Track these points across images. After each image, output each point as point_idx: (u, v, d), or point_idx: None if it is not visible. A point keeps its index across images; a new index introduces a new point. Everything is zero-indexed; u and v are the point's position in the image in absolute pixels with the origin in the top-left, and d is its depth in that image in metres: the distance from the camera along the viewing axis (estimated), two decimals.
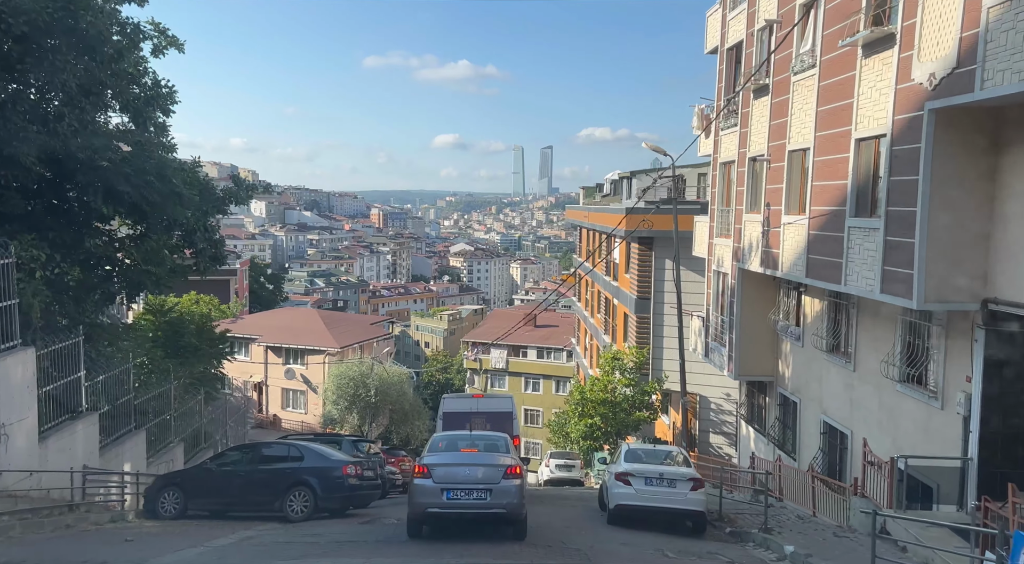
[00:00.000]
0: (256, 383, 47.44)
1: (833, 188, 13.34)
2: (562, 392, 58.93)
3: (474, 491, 10.27)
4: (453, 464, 10.59)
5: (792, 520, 13.82)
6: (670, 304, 26.86)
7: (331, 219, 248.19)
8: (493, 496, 10.26)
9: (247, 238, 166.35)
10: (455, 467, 10.51)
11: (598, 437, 26.15)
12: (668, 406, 26.87)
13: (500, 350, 59.82)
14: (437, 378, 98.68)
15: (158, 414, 20.09)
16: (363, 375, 39.82)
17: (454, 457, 10.89)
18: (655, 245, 26.90)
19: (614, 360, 26.35)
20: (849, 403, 14.59)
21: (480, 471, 10.43)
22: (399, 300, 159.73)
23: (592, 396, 25.97)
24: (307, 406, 45.48)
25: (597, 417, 25.62)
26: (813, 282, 14.19)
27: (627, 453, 14.13)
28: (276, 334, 46.70)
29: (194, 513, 13.81)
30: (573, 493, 22.47)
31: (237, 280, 66.60)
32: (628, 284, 28.99)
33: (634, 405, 25.93)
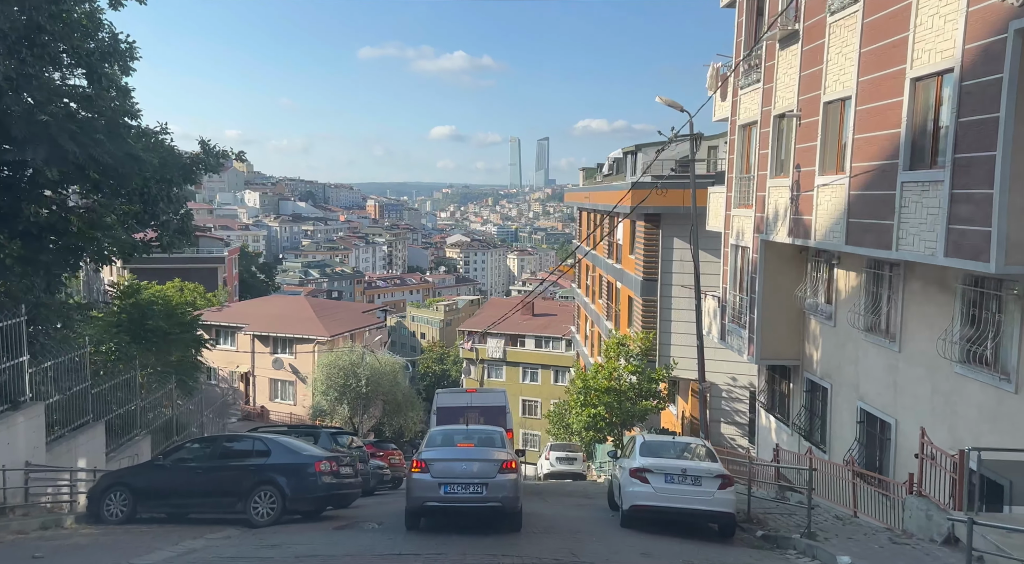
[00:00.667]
0: (243, 374, 45.64)
1: (881, 140, 11.54)
2: (561, 382, 57.26)
3: (471, 485, 10.42)
4: (450, 459, 10.74)
5: (831, 522, 12.09)
6: (679, 285, 25.11)
7: (326, 210, 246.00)
8: (489, 490, 10.41)
9: (240, 229, 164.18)
10: (452, 462, 10.67)
11: (602, 428, 24.42)
12: (676, 395, 25.13)
13: (497, 339, 58.08)
14: (434, 369, 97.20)
15: (122, 404, 18.32)
16: (353, 364, 38.01)
17: (451, 452, 11.02)
18: (662, 222, 25.10)
19: (619, 346, 24.59)
20: (893, 388, 12.83)
21: (476, 466, 10.59)
22: (395, 291, 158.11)
23: (596, 384, 24.22)
24: (296, 397, 43.71)
25: (601, 406, 23.88)
26: (854, 249, 12.40)
27: (643, 446, 12.38)
28: (264, 322, 44.89)
29: (146, 516, 12.04)
30: (577, 488, 20.76)
31: (225, 268, 64.76)
32: (633, 265, 27.21)
33: (640, 393, 24.20)
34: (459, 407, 18.18)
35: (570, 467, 27.23)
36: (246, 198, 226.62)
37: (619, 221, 30.84)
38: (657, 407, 24.11)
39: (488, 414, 17.61)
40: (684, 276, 24.97)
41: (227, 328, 45.60)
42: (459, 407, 18.18)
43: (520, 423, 58.02)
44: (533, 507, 14.94)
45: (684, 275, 24.96)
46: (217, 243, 65.69)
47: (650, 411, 23.99)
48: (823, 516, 12.82)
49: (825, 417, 15.57)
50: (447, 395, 19.61)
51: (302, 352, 43.11)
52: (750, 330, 17.04)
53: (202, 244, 63.94)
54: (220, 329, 45.94)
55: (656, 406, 24.06)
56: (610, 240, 33.12)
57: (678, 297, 25.13)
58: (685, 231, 24.86)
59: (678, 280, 25.08)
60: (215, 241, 66.60)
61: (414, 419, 39.90)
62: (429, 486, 10.44)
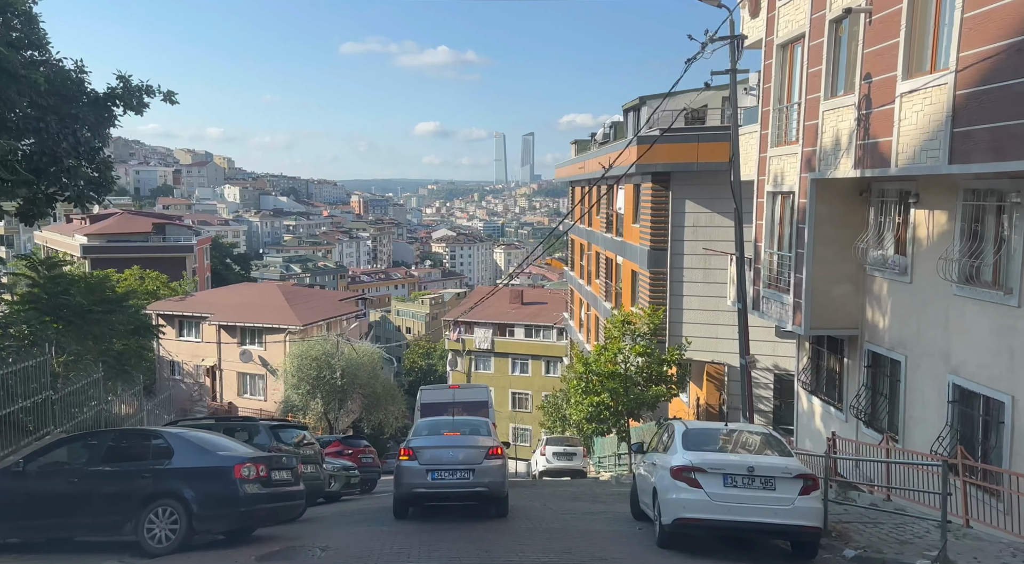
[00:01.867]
0: (209, 367, 42.13)
1: (1007, 11, 8.39)
2: (553, 373, 54.10)
3: (458, 471, 10.63)
4: (438, 446, 10.96)
5: (932, 533, 8.98)
6: (692, 254, 21.97)
7: (309, 206, 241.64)
8: (476, 476, 10.64)
9: (219, 224, 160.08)
10: (440, 449, 10.87)
11: (605, 418, 21.26)
12: (687, 379, 22.00)
13: (485, 329, 54.85)
14: (419, 364, 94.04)
15: (29, 396, 14.97)
16: (328, 354, 34.65)
17: (438, 440, 11.23)
18: (672, 182, 21.94)
19: (624, 325, 21.42)
20: (1007, 356, 9.71)
21: (463, 453, 10.81)
22: (380, 285, 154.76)
23: (599, 368, 21.05)
24: (267, 392, 40.27)
25: (605, 394, 20.71)
26: (964, 168, 9.24)
27: (685, 436, 9.17)
28: (231, 312, 41.38)
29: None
30: (581, 489, 17.59)
31: (196, 259, 61.09)
32: (637, 235, 24.05)
33: (649, 378, 21.08)
34: (442, 403, 18.46)
35: (569, 463, 24.08)
36: (226, 193, 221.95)
37: (619, 186, 27.67)
38: (669, 393, 20.99)
39: (471, 409, 17.90)
40: (697, 244, 21.87)
41: (191, 318, 42.04)
42: (442, 403, 18.46)
43: (510, 417, 54.83)
44: (534, 513, 11.72)
45: (697, 243, 21.86)
46: (185, 231, 61.93)
47: (661, 397, 20.86)
48: (916, 525, 9.71)
49: (896, 397, 12.45)
50: (431, 391, 19.76)
51: (273, 343, 39.67)
52: (795, 294, 13.89)
53: (169, 232, 60.29)
54: (183, 320, 42.41)
55: (668, 392, 20.92)
56: (608, 212, 29.95)
57: (691, 268, 21.99)
58: (698, 192, 21.75)
59: (691, 248, 21.94)
60: (183, 229, 62.86)
61: (395, 413, 36.60)
62: (417, 473, 10.62)
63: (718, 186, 21.35)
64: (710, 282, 21.82)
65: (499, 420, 57.61)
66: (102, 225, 59.72)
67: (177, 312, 42.19)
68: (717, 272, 21.67)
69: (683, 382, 21.36)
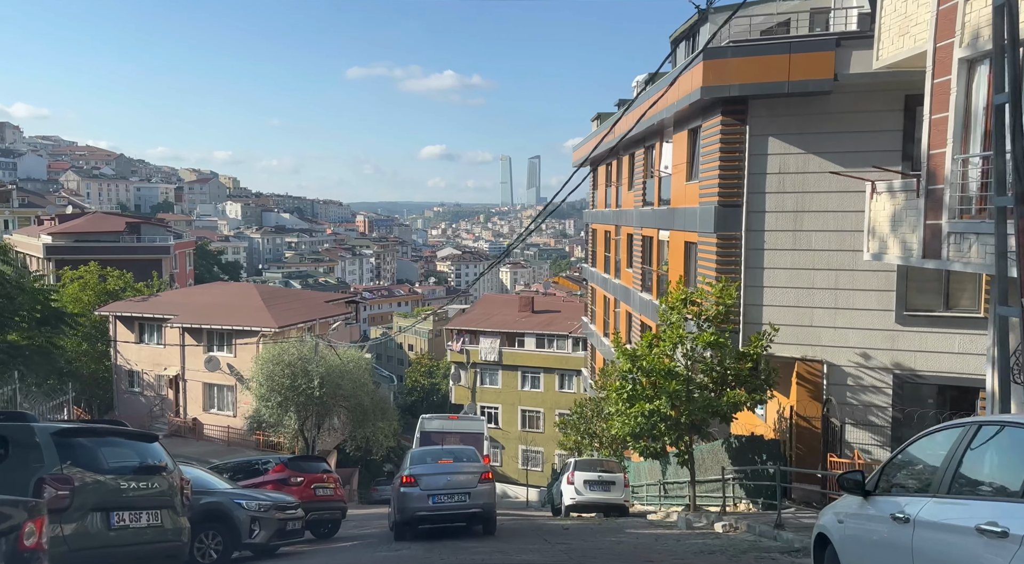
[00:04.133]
0: (172, 377, 36.30)
1: None
2: (567, 388, 48.14)
3: (455, 495, 12.11)
4: (436, 473, 12.30)
5: None
6: (778, 212, 16.20)
7: (313, 223, 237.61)
8: (471, 498, 12.16)
9: (219, 240, 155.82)
10: (438, 476, 12.24)
11: (660, 434, 15.35)
12: (775, 379, 16.05)
13: (492, 338, 49.02)
14: (422, 383, 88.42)
15: None
16: (303, 359, 28.86)
17: (436, 467, 12.52)
18: (750, 114, 16.21)
19: (686, 304, 15.60)
20: None
21: (460, 478, 12.32)
22: (382, 303, 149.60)
23: (651, 364, 15.20)
24: (236, 406, 34.43)
25: (662, 399, 14.84)
26: None
27: None
28: (197, 313, 35.66)
29: None
30: (645, 540, 11.63)
31: (176, 263, 55.52)
32: (695, 194, 18.31)
33: (723, 378, 15.24)
34: (440, 432, 19.53)
35: (606, 495, 18.09)
36: (227, 210, 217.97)
37: (664, 142, 21.99)
38: (752, 399, 15.07)
39: (467, 439, 18.87)
40: (785, 197, 16.11)
41: (152, 320, 36.31)
42: (440, 432, 19.53)
43: (519, 438, 48.80)
44: None
45: (785, 196, 16.10)
46: (162, 231, 56.39)
47: (743, 404, 14.96)
48: None
49: None
50: (431, 420, 20.59)
51: (244, 348, 33.87)
52: None
53: (144, 232, 54.84)
54: (144, 322, 36.69)
55: (751, 397, 15.02)
56: (645, 182, 24.26)
57: (776, 230, 16.19)
58: (787, 125, 16.03)
59: (775, 203, 16.16)
60: (159, 229, 57.34)
61: (385, 430, 30.68)
62: (420, 497, 11.95)
63: (816, 116, 15.73)
64: (802, 249, 16.03)
65: (507, 441, 51.57)
66: (71, 224, 54.34)
67: (137, 313, 36.51)
68: (814, 235, 15.90)
69: (769, 383, 15.44)
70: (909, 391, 15.53)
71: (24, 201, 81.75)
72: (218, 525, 9.75)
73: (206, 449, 33.23)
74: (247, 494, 10.58)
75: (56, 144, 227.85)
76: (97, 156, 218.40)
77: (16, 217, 73.69)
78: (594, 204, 35.78)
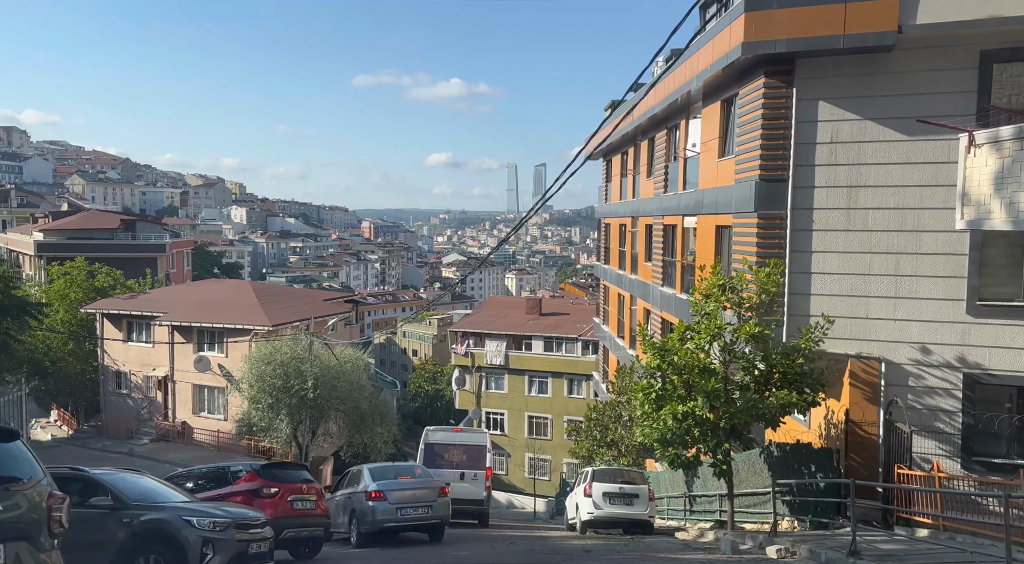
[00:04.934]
0: (160, 378, 34.36)
1: None
2: (576, 394, 46.03)
3: (420, 507, 14.00)
4: (402, 489, 14.08)
5: None
6: (829, 188, 14.18)
7: (319, 229, 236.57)
8: (433, 510, 14.13)
9: (224, 244, 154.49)
10: (404, 491, 14.04)
11: (694, 440, 13.31)
12: (826, 379, 13.95)
13: (497, 341, 46.98)
14: (426, 389, 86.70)
15: None
16: (297, 359, 26.89)
17: (400, 483, 14.27)
18: (797, 75, 14.21)
19: (725, 291, 13.57)
20: None
21: (423, 492, 14.20)
22: (387, 308, 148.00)
23: (684, 359, 13.17)
24: (228, 409, 32.46)
25: (698, 399, 12.80)
26: None
27: None
28: (188, 310, 33.75)
29: None
30: None
31: (174, 262, 53.76)
32: (730, 172, 16.32)
33: (767, 377, 13.20)
34: (445, 444, 19.15)
35: (629, 509, 16.00)
36: (232, 214, 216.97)
37: (690, 119, 20.01)
38: (803, 401, 12.99)
39: (470, 452, 18.93)
40: (836, 170, 14.10)
41: (140, 318, 34.39)
42: (445, 444, 19.15)
43: (526, 445, 46.66)
44: None
45: (837, 169, 14.09)
46: (158, 230, 54.54)
47: (793, 407, 12.89)
48: None
49: None
50: (436, 432, 20.09)
51: (238, 349, 31.92)
52: None
53: (139, 230, 53.07)
54: (132, 320, 34.78)
55: (802, 399, 12.94)
56: (667, 165, 22.29)
57: (826, 208, 14.16)
58: (840, 87, 14.03)
59: (826, 178, 14.14)
60: (155, 227, 55.50)
61: (384, 437, 28.65)
62: (388, 510, 13.59)
63: (874, 76, 13.72)
64: (857, 229, 14.00)
65: (514, 449, 49.38)
66: (64, 222, 52.58)
67: (125, 310, 34.62)
68: (871, 214, 13.87)
69: (822, 383, 13.36)
70: (982, 393, 13.47)
71: (23, 201, 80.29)
72: (160, 548, 7.81)
73: (195, 454, 31.31)
74: (200, 509, 8.60)
75: (63, 149, 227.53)
76: (103, 160, 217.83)
77: (15, 217, 72.24)
78: (607, 198, 33.80)
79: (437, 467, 18.27)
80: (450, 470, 18.40)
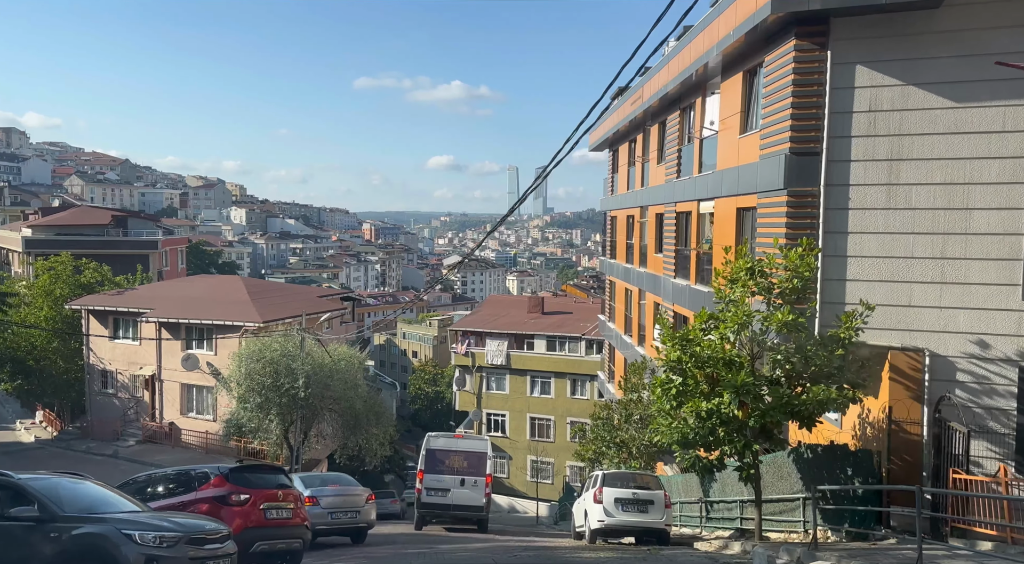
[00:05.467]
0: (148, 377, 32.96)
1: None
2: (580, 395, 44.62)
3: (349, 512, 15.55)
4: (333, 495, 15.53)
5: None
6: (868, 161, 12.81)
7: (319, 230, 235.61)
8: (360, 515, 15.76)
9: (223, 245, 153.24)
10: (336, 497, 15.53)
11: (719, 441, 11.90)
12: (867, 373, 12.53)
13: (499, 340, 45.59)
14: (426, 391, 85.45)
15: None
16: (288, 356, 25.51)
17: (331, 490, 15.72)
18: (832, 36, 12.82)
19: (753, 276, 12.17)
20: None
21: (352, 499, 15.80)
22: (387, 309, 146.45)
23: (708, 352, 11.77)
24: (217, 409, 31.05)
25: (724, 395, 11.41)
26: None
27: None
28: (176, 307, 32.37)
29: None
30: None
31: (167, 259, 52.41)
32: (754, 148, 14.95)
33: (799, 372, 11.79)
34: (446, 450, 18.94)
35: (644, 518, 14.58)
36: (232, 216, 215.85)
37: (707, 95, 18.63)
38: (843, 397, 11.57)
39: (471, 458, 18.67)
40: (876, 143, 12.71)
41: (127, 315, 33.02)
42: (446, 450, 18.94)
43: (528, 447, 45.23)
44: None
45: (877, 141, 12.70)
46: (149, 225, 53.14)
47: (833, 404, 11.47)
48: None
49: None
50: (437, 438, 19.63)
51: (227, 346, 30.53)
52: None
53: (131, 226, 51.71)
54: (119, 317, 33.40)
55: (843, 395, 11.53)
56: (680, 149, 20.92)
57: (865, 184, 12.77)
58: (880, 50, 12.66)
59: (864, 150, 12.75)
60: (148, 223, 54.09)
61: (380, 438, 27.27)
62: (321, 515, 14.82)
63: (919, 36, 12.35)
64: (899, 207, 12.61)
65: (515, 451, 47.90)
66: (54, 218, 51.26)
67: (111, 307, 33.24)
68: (914, 190, 12.49)
69: (863, 378, 11.95)
70: None
71: (16, 199, 79.06)
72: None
73: (182, 457, 29.92)
74: (146, 522, 7.21)
75: (63, 150, 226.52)
76: (102, 161, 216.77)
77: (7, 215, 71.06)
78: (613, 190, 32.42)
79: (438, 473, 18.36)
80: (451, 476, 18.32)
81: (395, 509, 37.60)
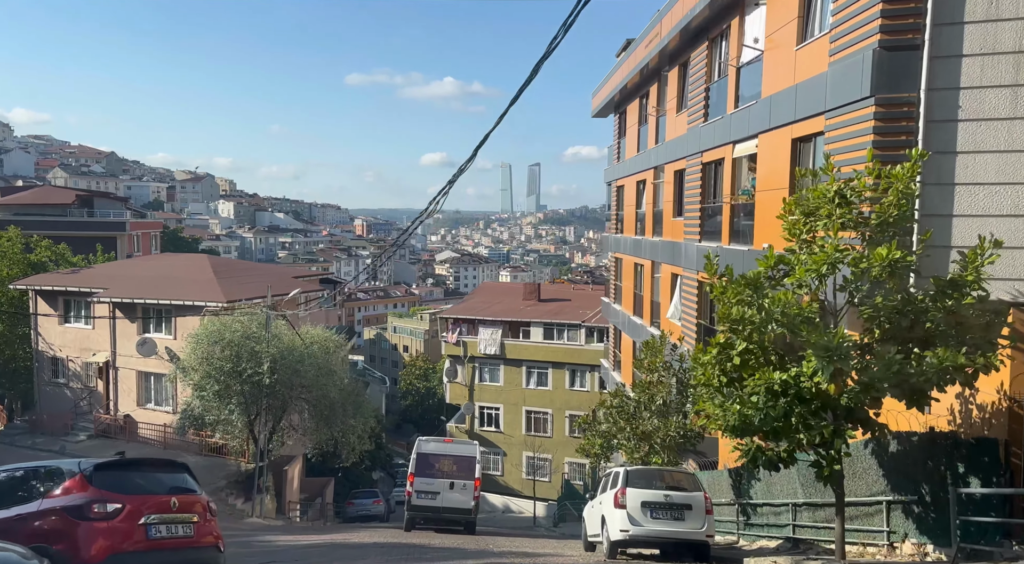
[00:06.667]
0: (101, 364, 29.58)
1: None
2: (580, 386, 41.48)
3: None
4: None
5: None
6: (982, 56, 9.62)
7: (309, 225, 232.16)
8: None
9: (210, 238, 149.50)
10: None
11: (792, 427, 8.71)
12: (992, 340, 9.37)
13: (492, 328, 42.36)
14: (417, 387, 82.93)
15: None
16: (251, 338, 22.23)
17: None
18: None
19: (838, 204, 8.96)
20: None
21: None
22: (377, 304, 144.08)
23: (787, 306, 8.57)
24: (177, 400, 27.72)
25: (805, 364, 8.23)
26: None
27: None
28: (133, 286, 29.01)
29: None
30: None
31: (139, 244, 48.93)
32: (819, 55, 11.76)
33: (903, 331, 8.62)
34: (435, 454, 19.01)
35: (679, 526, 11.39)
36: (220, 209, 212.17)
37: (750, 4, 15.44)
38: (977, 365, 8.39)
39: (460, 462, 18.84)
40: (1000, 29, 9.51)
41: (78, 295, 29.61)
42: (435, 454, 19.01)
43: (523, 442, 42.02)
44: None
45: (1000, 27, 9.50)
46: (118, 206, 49.62)
47: (958, 374, 8.30)
48: None
49: None
50: (427, 443, 19.72)
51: (188, 328, 27.19)
52: None
53: (98, 206, 48.22)
54: (71, 298, 30.00)
55: (974, 362, 8.35)
56: (709, 88, 17.72)
57: (983, 86, 9.58)
58: None
59: (980, 42, 9.56)
60: (117, 203, 50.58)
61: (359, 430, 24.03)
62: None
63: None
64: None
65: (510, 446, 44.54)
66: (14, 198, 47.72)
67: (60, 286, 29.84)
68: None
69: (993, 338, 8.81)
70: None
71: None
72: None
73: (137, 452, 26.61)
74: None
75: (48, 143, 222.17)
76: (87, 154, 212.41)
77: None
78: (620, 156, 29.25)
79: (429, 476, 18.70)
80: (441, 479, 18.67)
81: (378, 510, 34.38)
